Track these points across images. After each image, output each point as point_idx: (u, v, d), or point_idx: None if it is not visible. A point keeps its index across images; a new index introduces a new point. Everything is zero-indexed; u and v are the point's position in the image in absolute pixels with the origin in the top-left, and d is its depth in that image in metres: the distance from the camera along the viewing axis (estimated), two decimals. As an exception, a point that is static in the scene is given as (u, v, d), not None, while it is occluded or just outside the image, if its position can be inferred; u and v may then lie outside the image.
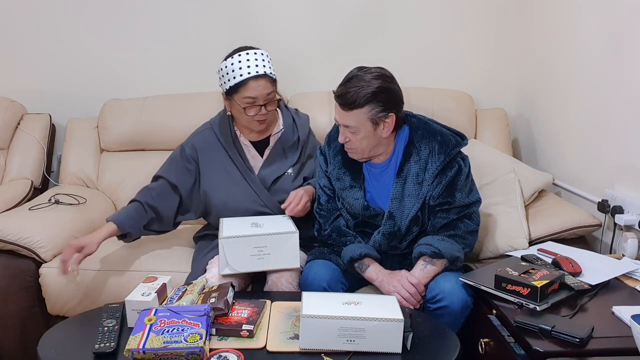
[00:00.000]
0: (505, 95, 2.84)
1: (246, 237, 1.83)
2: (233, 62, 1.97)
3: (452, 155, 1.81)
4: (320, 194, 1.98)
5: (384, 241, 1.87)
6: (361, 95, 1.72)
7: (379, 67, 1.80)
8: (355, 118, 1.75)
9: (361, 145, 1.81)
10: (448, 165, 1.81)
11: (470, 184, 1.88)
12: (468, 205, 1.84)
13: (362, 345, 1.45)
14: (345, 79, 1.79)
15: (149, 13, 2.74)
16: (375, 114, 1.75)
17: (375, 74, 1.76)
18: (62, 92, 2.78)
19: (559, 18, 2.45)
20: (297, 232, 1.85)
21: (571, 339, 1.37)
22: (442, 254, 1.76)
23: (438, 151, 1.81)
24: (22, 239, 2.05)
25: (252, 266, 1.85)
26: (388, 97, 1.75)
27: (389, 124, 1.78)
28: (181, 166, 2.09)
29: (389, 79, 1.78)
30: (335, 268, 1.86)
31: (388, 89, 1.76)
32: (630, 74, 1.99)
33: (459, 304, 1.70)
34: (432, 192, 1.82)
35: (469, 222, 1.85)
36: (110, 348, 1.46)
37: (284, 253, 1.84)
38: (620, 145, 2.06)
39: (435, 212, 1.84)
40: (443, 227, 1.84)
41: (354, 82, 1.75)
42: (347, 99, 1.74)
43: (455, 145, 1.82)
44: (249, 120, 2.01)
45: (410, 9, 2.76)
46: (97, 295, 2.03)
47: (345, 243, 1.88)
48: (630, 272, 1.76)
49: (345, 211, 1.94)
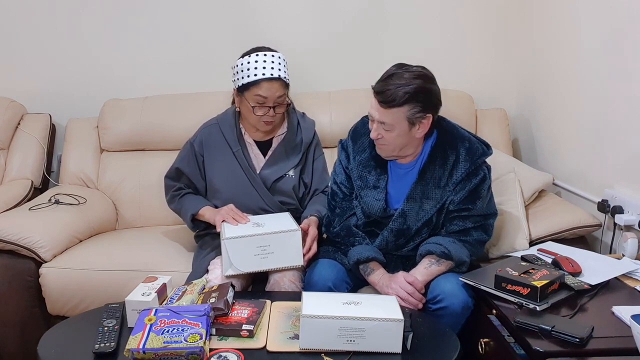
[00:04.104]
0: (505, 95, 2.84)
1: (249, 237, 1.83)
2: (250, 60, 1.99)
3: (478, 164, 1.81)
4: (335, 190, 1.96)
5: (392, 238, 1.86)
6: (401, 94, 1.69)
7: (421, 66, 1.78)
8: (392, 116, 1.73)
9: (394, 143, 1.79)
10: (473, 172, 1.80)
11: (490, 195, 1.87)
12: (486, 216, 1.84)
13: (362, 345, 1.44)
14: (385, 75, 1.76)
15: (149, 13, 2.73)
16: (413, 114, 1.72)
17: (416, 72, 1.73)
18: (62, 92, 2.78)
19: (559, 18, 2.45)
20: (300, 229, 1.86)
21: (571, 339, 1.37)
22: (451, 255, 1.76)
23: (464, 158, 1.80)
24: (22, 239, 2.05)
25: (256, 266, 1.84)
26: (428, 97, 1.74)
27: (425, 124, 1.76)
28: (193, 164, 2.13)
29: (430, 79, 1.76)
30: (340, 268, 1.86)
31: (428, 89, 1.74)
32: (630, 73, 1.99)
33: (460, 304, 1.70)
34: (454, 197, 1.81)
35: (483, 233, 1.85)
36: (110, 348, 1.46)
37: (288, 251, 1.84)
38: (620, 145, 2.06)
39: (452, 218, 1.84)
40: (456, 233, 1.83)
41: (395, 80, 1.72)
42: (386, 96, 1.71)
43: (482, 154, 1.82)
44: (256, 120, 2.03)
45: (410, 10, 2.76)
46: (97, 295, 2.03)
47: (353, 243, 1.87)
48: (630, 272, 1.76)
49: (360, 210, 1.92)
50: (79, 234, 2.25)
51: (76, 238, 2.23)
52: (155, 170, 2.53)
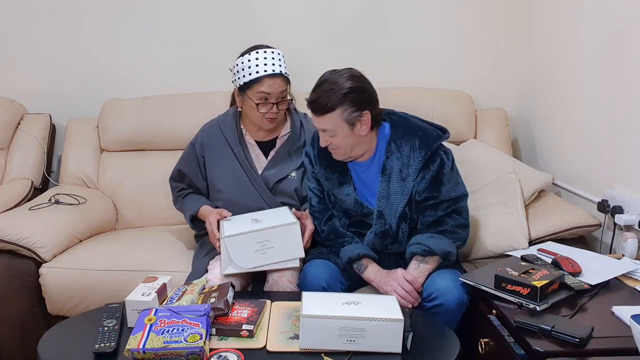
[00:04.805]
0: (505, 95, 2.84)
1: (248, 233, 1.82)
2: (250, 58, 2.00)
3: (434, 149, 1.81)
4: (310, 196, 2.00)
5: (377, 241, 1.88)
6: (332, 98, 1.73)
7: (348, 68, 1.81)
8: (330, 122, 1.76)
9: (343, 145, 1.81)
10: (430, 159, 1.81)
11: (455, 177, 1.87)
12: (455, 199, 1.83)
13: (362, 345, 1.45)
14: (316, 84, 1.80)
15: (149, 13, 2.74)
16: (349, 115, 1.75)
17: (345, 75, 1.77)
18: (62, 92, 2.78)
19: (559, 18, 2.45)
20: (298, 222, 1.86)
21: (571, 339, 1.37)
22: (433, 250, 1.77)
23: (419, 146, 1.81)
24: (22, 239, 2.05)
25: (257, 262, 1.84)
26: (359, 96, 1.76)
27: (366, 121, 1.78)
28: (194, 165, 2.13)
29: (358, 78, 1.79)
30: (334, 268, 1.87)
31: (358, 88, 1.76)
32: (630, 74, 1.99)
33: (454, 301, 1.70)
34: (417, 187, 1.82)
35: (458, 217, 1.84)
36: (110, 348, 1.46)
37: (287, 244, 1.84)
38: (620, 145, 2.06)
39: (423, 209, 1.84)
40: (432, 224, 1.84)
41: (325, 87, 1.76)
42: (318, 104, 1.75)
43: (437, 138, 1.82)
44: (259, 118, 2.03)
45: (410, 10, 2.75)
46: (97, 295, 2.03)
47: (342, 244, 1.89)
48: (630, 272, 1.76)
49: (339, 210, 1.95)
50: (79, 234, 2.26)
51: (76, 238, 2.24)
52: (155, 170, 2.53)
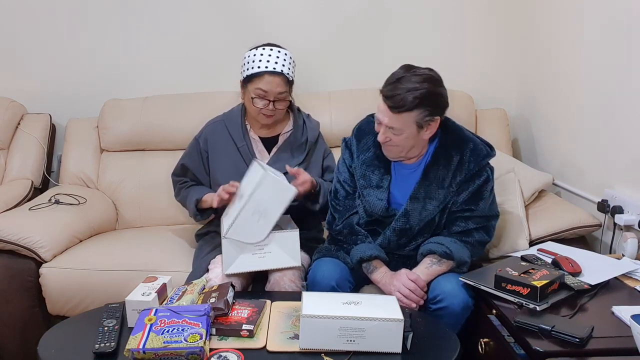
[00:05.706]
0: (505, 95, 2.84)
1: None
2: (256, 53, 2.03)
3: (482, 165, 1.81)
4: (338, 188, 1.96)
5: (394, 237, 1.85)
6: (411, 99, 1.68)
7: (428, 68, 1.76)
8: (402, 121, 1.72)
9: (402, 145, 1.78)
10: (477, 173, 1.80)
11: (493, 197, 1.87)
12: (488, 217, 1.84)
13: (362, 345, 1.44)
14: (393, 78, 1.74)
15: (149, 13, 2.73)
16: (422, 118, 1.72)
17: (424, 76, 1.71)
18: (62, 92, 2.78)
19: (559, 18, 2.45)
20: (298, 230, 1.86)
21: (571, 339, 1.37)
22: (453, 255, 1.76)
23: (469, 159, 1.80)
24: (22, 239, 2.05)
25: (255, 265, 1.85)
26: (436, 101, 1.73)
27: (433, 127, 1.77)
28: (197, 159, 2.15)
29: (438, 82, 1.75)
30: (343, 267, 1.85)
31: (437, 93, 1.73)
32: (631, 74, 1.99)
33: (460, 304, 1.70)
34: (457, 198, 1.81)
35: (485, 234, 1.84)
36: (110, 348, 1.46)
37: (285, 252, 1.85)
38: (620, 145, 2.06)
39: (454, 219, 1.84)
40: (458, 233, 1.83)
41: (403, 83, 1.70)
42: (396, 101, 1.69)
43: (486, 155, 1.82)
44: (256, 112, 2.06)
45: (410, 10, 2.76)
46: (97, 295, 2.03)
47: (355, 242, 1.87)
48: (630, 272, 1.76)
49: (363, 209, 1.91)
50: (79, 234, 2.26)
51: (76, 238, 2.24)
52: (155, 170, 2.53)
